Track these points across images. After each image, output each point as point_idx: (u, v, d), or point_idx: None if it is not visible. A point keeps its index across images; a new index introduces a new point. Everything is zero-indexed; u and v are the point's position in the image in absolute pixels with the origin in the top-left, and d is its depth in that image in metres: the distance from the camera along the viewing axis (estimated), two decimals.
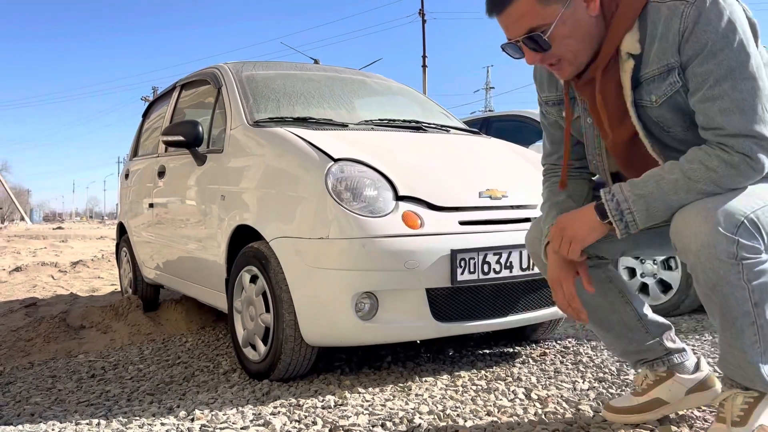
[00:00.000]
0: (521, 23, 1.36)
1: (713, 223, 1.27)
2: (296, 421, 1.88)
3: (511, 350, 2.76)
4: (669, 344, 1.69)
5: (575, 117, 1.58)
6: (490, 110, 52.00)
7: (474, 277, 2.21)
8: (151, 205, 3.81)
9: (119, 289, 5.14)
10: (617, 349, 1.76)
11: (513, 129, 5.59)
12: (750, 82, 1.27)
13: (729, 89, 1.27)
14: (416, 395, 2.11)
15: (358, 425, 1.81)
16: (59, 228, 25.05)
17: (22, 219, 39.88)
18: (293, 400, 2.08)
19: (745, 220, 1.27)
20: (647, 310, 1.71)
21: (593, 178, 1.71)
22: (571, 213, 1.49)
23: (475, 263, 2.21)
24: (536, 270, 2.21)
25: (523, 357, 2.63)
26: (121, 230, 4.62)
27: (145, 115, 4.69)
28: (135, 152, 4.63)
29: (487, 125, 5.79)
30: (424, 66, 23.03)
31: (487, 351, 2.76)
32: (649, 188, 1.35)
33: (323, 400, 2.06)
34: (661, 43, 1.32)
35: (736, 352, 1.36)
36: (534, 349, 2.76)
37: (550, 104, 1.65)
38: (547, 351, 2.71)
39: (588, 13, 1.36)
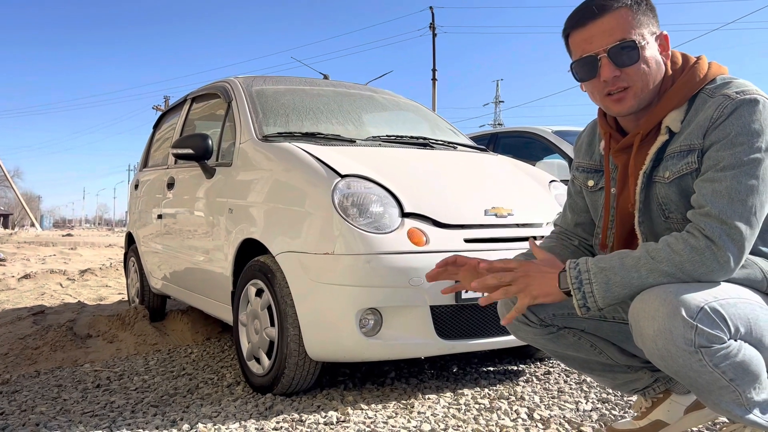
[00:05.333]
0: (613, 33, 1.36)
1: (672, 307, 1.22)
2: None
3: (515, 368, 2.76)
4: (656, 372, 1.67)
5: (598, 188, 1.60)
6: (499, 123, 52.16)
7: (478, 295, 2.21)
8: (159, 216, 3.84)
9: (126, 299, 5.17)
10: (606, 385, 1.75)
11: (521, 145, 5.61)
12: (753, 181, 1.26)
13: (730, 177, 1.27)
14: (419, 413, 2.11)
15: None
16: (68, 235, 25.21)
17: (33, 225, 40.18)
18: (296, 416, 2.09)
19: (706, 307, 1.22)
20: (625, 349, 1.66)
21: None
22: (538, 267, 1.42)
23: None
24: None
25: (527, 375, 2.63)
26: (130, 240, 4.65)
27: (156, 126, 4.74)
28: (145, 163, 4.67)
29: (495, 141, 5.80)
30: (433, 79, 23.09)
31: (491, 368, 2.76)
32: (612, 262, 1.32)
33: (326, 416, 2.06)
34: (693, 126, 1.35)
35: (722, 411, 1.33)
36: (538, 368, 2.75)
37: (580, 170, 1.67)
38: (551, 369, 2.70)
39: (658, 59, 1.39)
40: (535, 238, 2.41)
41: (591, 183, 1.62)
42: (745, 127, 1.27)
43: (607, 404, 2.20)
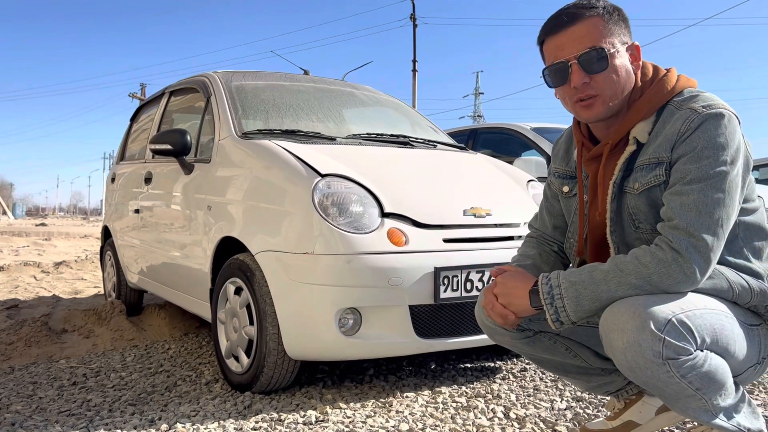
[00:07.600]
0: (584, 41, 1.40)
1: (640, 320, 1.26)
2: None
3: (492, 365, 2.79)
4: None
5: (572, 194, 1.63)
6: (479, 115, 52.31)
7: (457, 294, 2.24)
8: (137, 211, 3.81)
9: (102, 292, 5.12)
10: (580, 387, 1.79)
11: (500, 141, 5.65)
12: (719, 194, 1.29)
13: (697, 190, 1.30)
14: (397, 411, 2.13)
15: None
16: (42, 224, 24.79)
17: (5, 213, 39.44)
18: (275, 415, 2.10)
19: (674, 319, 1.25)
20: (599, 353, 1.68)
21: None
22: (513, 281, 1.47)
23: (458, 281, 2.24)
24: None
25: (504, 372, 2.67)
26: (106, 233, 4.60)
27: (133, 119, 4.68)
28: (122, 156, 4.61)
29: (474, 136, 5.84)
30: (414, 71, 23.01)
31: (469, 365, 2.79)
32: (582, 276, 1.35)
33: (304, 416, 2.07)
34: (661, 139, 1.38)
35: (689, 416, 1.37)
36: (515, 364, 2.79)
37: (556, 176, 1.70)
38: (527, 366, 2.74)
39: (628, 69, 1.42)
40: (513, 238, 2.44)
41: (566, 189, 1.66)
42: (710, 141, 1.31)
43: (581, 402, 2.24)
